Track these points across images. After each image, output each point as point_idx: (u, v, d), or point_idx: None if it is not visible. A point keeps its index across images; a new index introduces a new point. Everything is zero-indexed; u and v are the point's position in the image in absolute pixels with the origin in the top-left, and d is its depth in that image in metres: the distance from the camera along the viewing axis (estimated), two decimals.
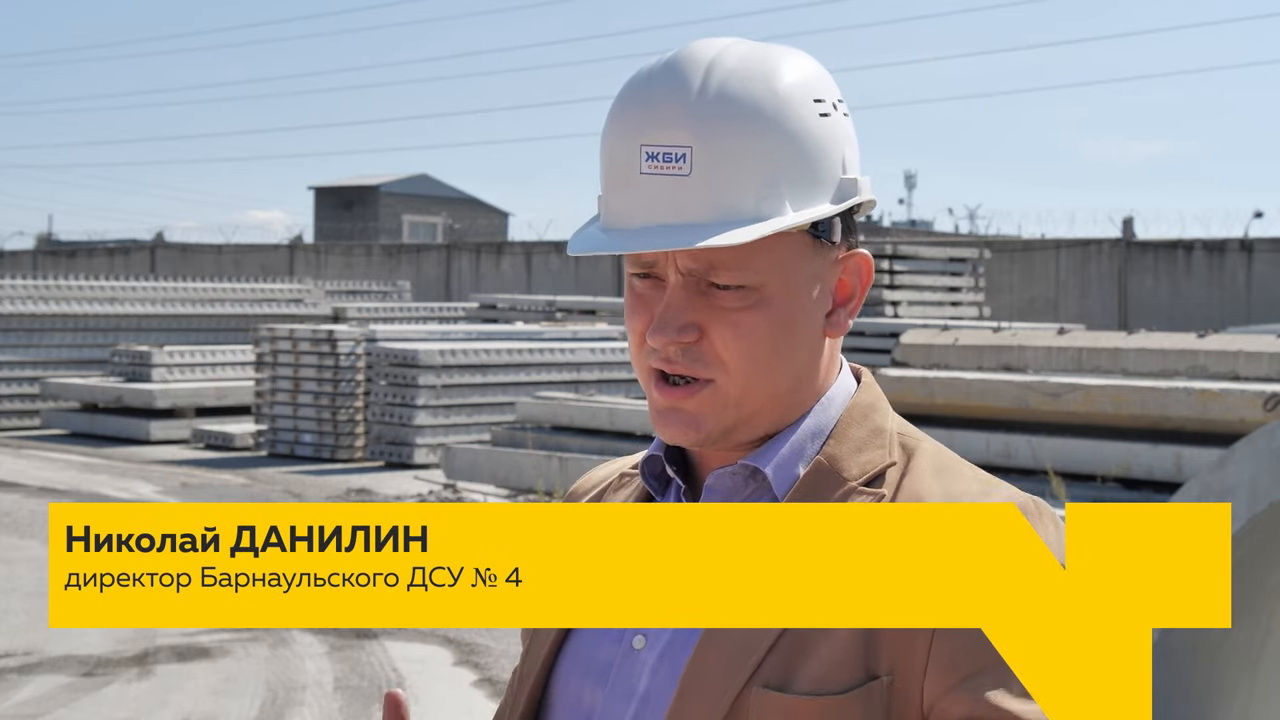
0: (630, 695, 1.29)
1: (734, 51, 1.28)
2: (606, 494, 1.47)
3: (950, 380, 9.14)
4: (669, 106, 1.26)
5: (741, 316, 1.27)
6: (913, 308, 18.59)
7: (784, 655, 1.22)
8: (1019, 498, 1.26)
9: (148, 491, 13.19)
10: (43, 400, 19.06)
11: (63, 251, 37.49)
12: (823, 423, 1.33)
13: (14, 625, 7.93)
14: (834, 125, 1.30)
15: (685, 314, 1.27)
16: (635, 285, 1.31)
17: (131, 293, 20.83)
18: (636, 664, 1.30)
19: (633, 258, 1.31)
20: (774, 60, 1.28)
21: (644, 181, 1.26)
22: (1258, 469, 3.70)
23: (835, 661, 1.21)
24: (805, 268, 1.30)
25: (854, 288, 1.35)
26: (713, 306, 1.27)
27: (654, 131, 1.26)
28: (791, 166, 1.26)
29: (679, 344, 1.27)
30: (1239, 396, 7.96)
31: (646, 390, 1.33)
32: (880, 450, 1.32)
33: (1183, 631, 3.85)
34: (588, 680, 1.33)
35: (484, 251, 30.01)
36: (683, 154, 1.24)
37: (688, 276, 1.27)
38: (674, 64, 1.28)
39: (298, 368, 16.16)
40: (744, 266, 1.26)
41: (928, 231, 37.93)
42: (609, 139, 1.30)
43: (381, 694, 7.41)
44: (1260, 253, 21.41)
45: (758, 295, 1.27)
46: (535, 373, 15.89)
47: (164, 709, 6.42)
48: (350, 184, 55.03)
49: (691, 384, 1.29)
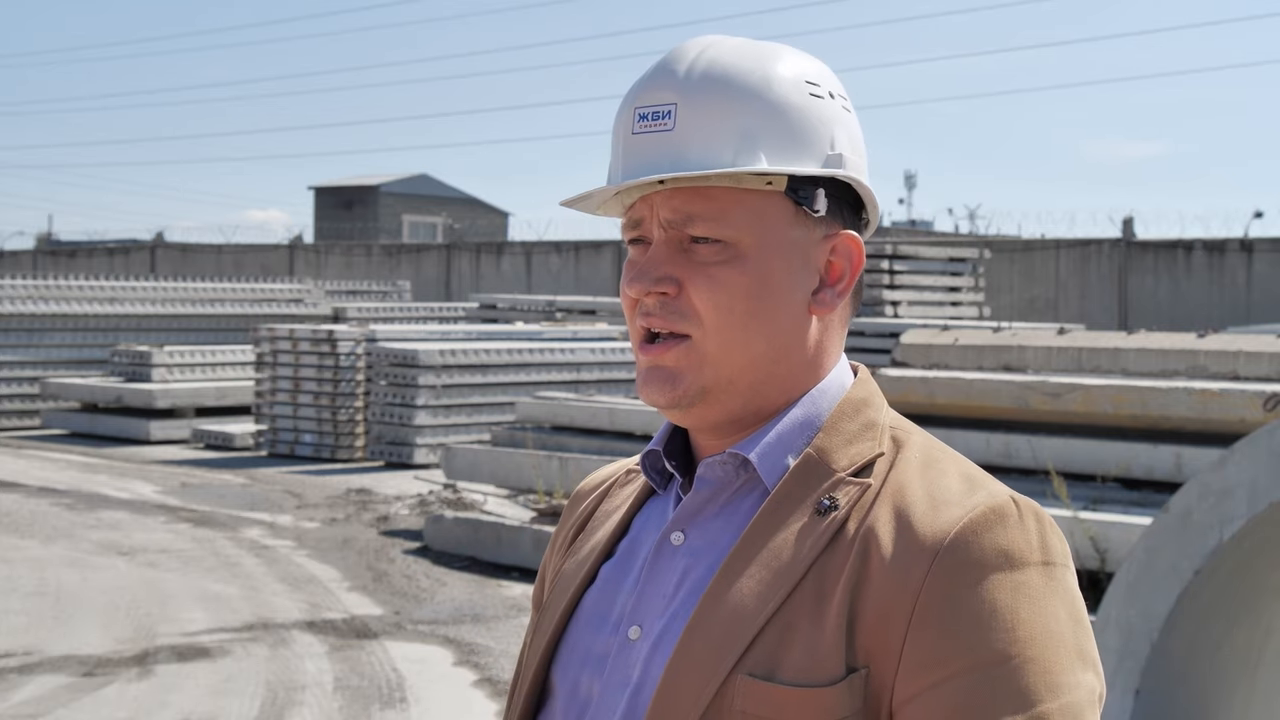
0: (625, 685, 1.30)
1: (731, 40, 1.34)
2: (612, 490, 1.49)
3: (950, 380, 9.13)
4: (662, 76, 1.32)
5: (717, 270, 1.30)
6: (913, 308, 18.59)
7: (769, 645, 1.23)
8: (1000, 496, 1.26)
9: (148, 491, 13.19)
10: (43, 400, 19.06)
11: (63, 251, 37.48)
12: (813, 414, 1.34)
13: (14, 625, 7.92)
14: (825, 107, 1.33)
15: (664, 266, 1.31)
16: (630, 252, 1.36)
17: (131, 293, 20.82)
18: (632, 654, 1.31)
19: (627, 224, 1.35)
20: (772, 48, 1.34)
21: (634, 141, 1.32)
22: (1258, 469, 3.70)
23: (820, 653, 1.22)
24: (785, 233, 1.32)
25: (844, 269, 1.36)
26: (691, 261, 1.31)
27: (646, 96, 1.32)
28: (772, 129, 1.30)
29: (656, 294, 1.31)
30: (1239, 396, 7.96)
31: (636, 356, 1.36)
32: (870, 442, 1.33)
33: (1183, 631, 3.85)
34: (585, 670, 1.34)
35: (484, 251, 30.00)
36: (668, 110, 1.30)
37: (669, 230, 1.31)
38: (674, 50, 1.35)
39: (298, 368, 16.15)
40: (720, 219, 1.30)
41: (928, 231, 37.92)
42: (616, 117, 1.36)
43: (381, 694, 7.42)
44: (1260, 253, 21.41)
45: (734, 251, 1.30)
46: (535, 373, 15.89)
47: (164, 709, 6.42)
48: (350, 184, 55.03)
49: (668, 339, 1.32)
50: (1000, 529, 1.23)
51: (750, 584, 1.25)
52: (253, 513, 12.00)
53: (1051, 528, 1.26)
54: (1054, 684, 1.18)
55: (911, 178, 61.75)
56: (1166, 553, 3.82)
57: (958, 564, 1.21)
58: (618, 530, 1.42)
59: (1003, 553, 1.21)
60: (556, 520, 9.38)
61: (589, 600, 1.38)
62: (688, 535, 1.33)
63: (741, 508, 1.33)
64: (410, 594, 8.90)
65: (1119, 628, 3.88)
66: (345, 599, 8.72)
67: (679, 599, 1.30)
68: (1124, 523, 7.43)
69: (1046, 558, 1.23)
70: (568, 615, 1.38)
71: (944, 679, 1.18)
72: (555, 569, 1.48)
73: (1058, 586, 1.23)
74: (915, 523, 1.24)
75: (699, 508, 1.34)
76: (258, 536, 10.86)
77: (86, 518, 11.60)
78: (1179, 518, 3.81)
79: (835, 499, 1.28)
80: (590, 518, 1.48)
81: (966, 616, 1.19)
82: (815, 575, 1.24)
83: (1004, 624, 1.19)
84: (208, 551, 10.19)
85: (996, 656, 1.18)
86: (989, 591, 1.20)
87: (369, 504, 12.44)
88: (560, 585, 1.42)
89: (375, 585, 9.14)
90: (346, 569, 9.64)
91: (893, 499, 1.27)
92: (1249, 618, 3.93)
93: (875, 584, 1.22)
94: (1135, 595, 3.87)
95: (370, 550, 10.29)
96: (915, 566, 1.21)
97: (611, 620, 1.34)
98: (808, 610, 1.23)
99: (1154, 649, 3.81)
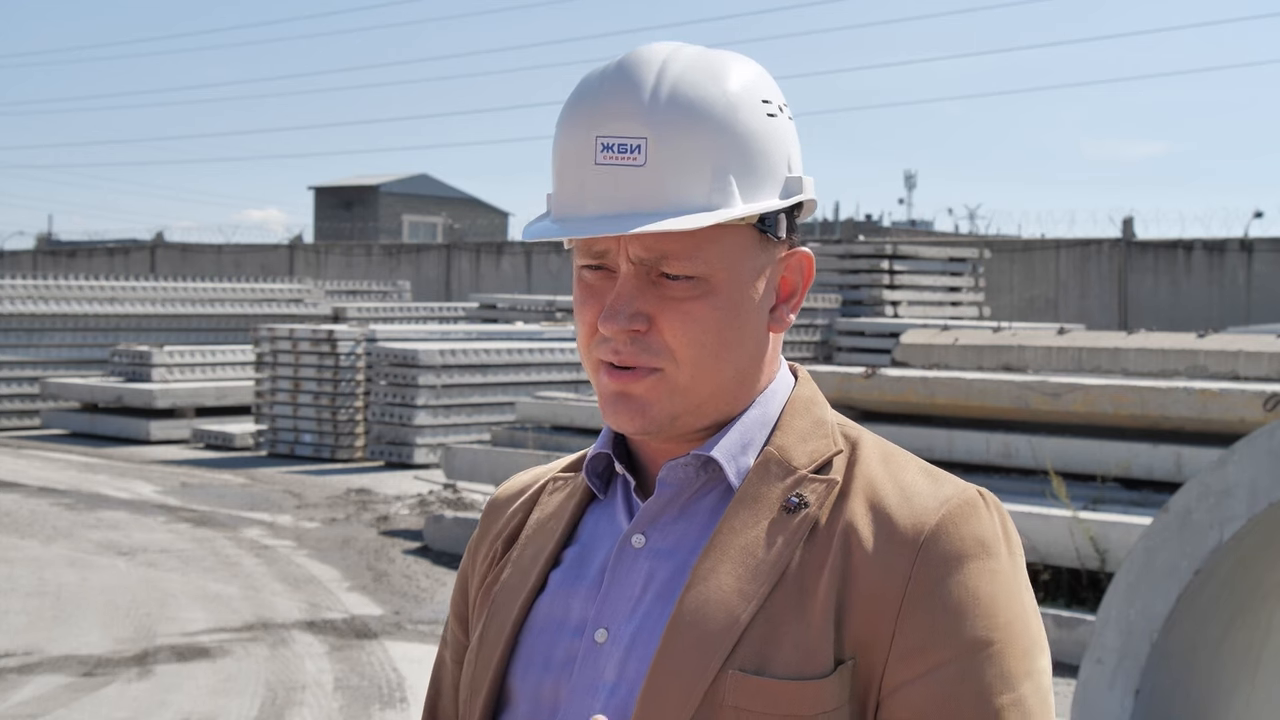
0: (596, 687, 1.31)
1: (683, 54, 1.32)
2: (541, 498, 1.48)
3: (950, 380, 9.13)
4: (624, 101, 1.29)
5: (691, 306, 1.30)
6: (913, 308, 18.59)
7: (756, 641, 1.26)
8: (968, 489, 1.32)
9: (148, 491, 13.19)
10: (43, 400, 19.06)
11: (63, 251, 37.47)
12: (767, 414, 1.37)
13: (14, 625, 7.92)
14: (780, 126, 1.34)
15: (636, 303, 1.30)
16: (585, 277, 1.34)
17: (131, 293, 20.82)
18: (601, 657, 1.32)
19: (584, 250, 1.33)
20: (721, 63, 1.33)
21: (598, 172, 1.29)
22: (1258, 469, 3.70)
23: (809, 646, 1.25)
24: (752, 261, 1.33)
25: (796, 284, 1.39)
26: (663, 297, 1.30)
27: (609, 124, 1.29)
28: (741, 162, 1.30)
29: (629, 332, 1.30)
30: (1239, 396, 7.96)
31: (594, 379, 1.35)
32: (825, 440, 1.36)
33: (1183, 631, 3.85)
34: (548, 675, 1.35)
35: (484, 251, 30.00)
36: (638, 144, 1.28)
37: (639, 265, 1.30)
38: (626, 65, 1.32)
39: (298, 368, 16.15)
40: (694, 256, 1.30)
41: (928, 231, 37.94)
42: (562, 134, 1.33)
43: (381, 694, 7.41)
44: (1260, 253, 21.40)
45: (706, 286, 1.30)
46: (535, 373, 15.89)
47: (164, 709, 6.42)
48: (350, 184, 55.03)
49: (639, 370, 1.31)
50: (975, 520, 1.29)
51: (729, 582, 1.28)
52: (253, 513, 12.00)
53: (1010, 519, 1.34)
54: (1029, 669, 1.27)
55: (911, 178, 61.82)
56: (1166, 553, 3.82)
57: (941, 553, 1.26)
58: (562, 538, 1.42)
59: (979, 542, 1.28)
60: None
61: (541, 607, 1.38)
62: (649, 538, 1.35)
63: (702, 508, 1.35)
64: (410, 594, 8.90)
65: (1119, 628, 3.88)
66: (345, 599, 8.72)
67: (647, 601, 1.32)
68: (1124, 523, 7.43)
69: (1011, 547, 1.31)
70: (519, 623, 1.39)
71: (935, 665, 1.24)
72: (481, 577, 1.47)
73: (1021, 574, 1.31)
74: (893, 516, 1.29)
75: (660, 510, 1.35)
76: (258, 536, 10.86)
77: (86, 518, 11.60)
78: (1179, 518, 3.81)
79: (804, 496, 1.31)
80: (521, 527, 1.47)
81: (952, 604, 1.25)
82: (796, 572, 1.28)
83: (985, 610, 1.26)
84: (208, 551, 10.19)
85: (981, 642, 1.25)
86: (970, 579, 1.26)
87: (369, 504, 12.44)
88: (505, 594, 1.42)
89: (375, 585, 9.14)
90: (346, 569, 9.64)
91: (865, 494, 1.31)
92: (1249, 618, 3.93)
93: (861, 577, 1.26)
94: (1135, 595, 3.87)
95: (370, 550, 10.30)
96: (900, 557, 1.26)
97: (570, 625, 1.35)
98: (791, 606, 1.26)
99: (1154, 649, 3.81)
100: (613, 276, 1.32)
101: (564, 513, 1.44)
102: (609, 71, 1.32)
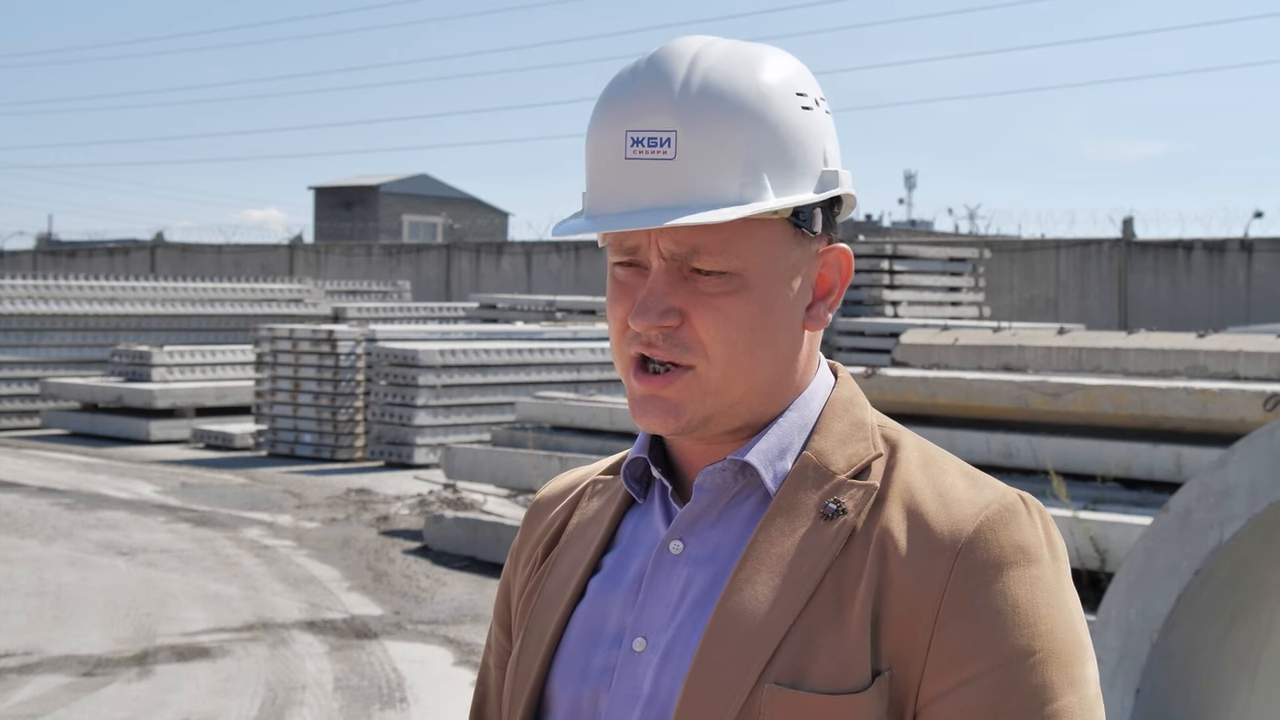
0: (635, 698, 1.29)
1: (716, 47, 1.30)
2: (581, 502, 1.46)
3: (950, 380, 9.12)
4: (654, 96, 1.27)
5: (723, 301, 1.27)
6: (913, 308, 18.58)
7: (792, 653, 1.23)
8: (1009, 493, 1.28)
9: (148, 491, 13.19)
10: (43, 400, 19.06)
11: (63, 251, 37.47)
12: (806, 417, 1.35)
13: (14, 625, 7.92)
14: (815, 119, 1.31)
15: (668, 298, 1.27)
16: (618, 274, 1.32)
17: (131, 293, 20.82)
18: (639, 666, 1.30)
19: (616, 245, 1.31)
20: (757, 55, 1.30)
21: (628, 166, 1.27)
22: (1258, 469, 3.70)
23: (846, 659, 1.22)
24: (786, 257, 1.31)
25: (834, 282, 1.36)
26: (695, 292, 1.28)
27: (639, 118, 1.26)
28: (774, 154, 1.27)
29: (661, 328, 1.28)
30: (1239, 396, 7.95)
31: (625, 380, 1.33)
32: (864, 443, 1.33)
33: (1183, 631, 3.85)
34: (586, 685, 1.33)
35: (484, 251, 29.99)
36: (668, 138, 1.25)
37: (670, 261, 1.28)
38: (657, 59, 1.29)
39: (298, 368, 16.15)
40: (726, 251, 1.27)
41: (928, 231, 37.93)
42: (594, 132, 1.31)
43: (381, 694, 7.40)
44: (1260, 253, 21.40)
45: (739, 281, 1.28)
46: (535, 373, 15.89)
47: (164, 709, 6.42)
48: (350, 184, 55.03)
49: (671, 371, 1.29)
50: (1015, 525, 1.25)
51: (765, 592, 1.25)
52: (253, 513, 12.00)
53: (1053, 523, 1.29)
54: (1073, 677, 1.22)
55: (911, 178, 61.82)
56: (1166, 553, 3.82)
57: (978, 561, 1.23)
58: (602, 543, 1.40)
59: (1019, 548, 1.24)
60: None
61: (580, 615, 1.37)
62: (686, 544, 1.32)
63: (740, 514, 1.33)
64: (410, 594, 8.90)
65: (1119, 628, 3.88)
66: (345, 599, 8.72)
67: (684, 609, 1.30)
68: (1124, 523, 7.42)
69: (1054, 552, 1.26)
70: (560, 630, 1.37)
71: (972, 676, 1.20)
72: (523, 584, 1.46)
73: (1065, 580, 1.26)
74: (930, 522, 1.25)
75: (697, 515, 1.33)
76: (258, 536, 10.85)
77: (86, 518, 11.60)
78: (1179, 518, 3.81)
79: (841, 503, 1.28)
80: (562, 531, 1.45)
81: (991, 613, 1.21)
82: (832, 581, 1.25)
83: (1025, 619, 1.22)
84: (208, 551, 10.19)
85: (1021, 651, 1.21)
86: (1010, 587, 1.22)
87: (369, 504, 12.43)
88: (544, 602, 1.40)
89: (375, 585, 9.14)
90: (346, 569, 9.64)
91: (902, 499, 1.28)
92: (1249, 618, 3.93)
93: (897, 585, 1.23)
94: (1135, 595, 3.87)
95: (370, 550, 10.29)
96: (936, 565, 1.23)
97: (609, 634, 1.33)
98: (828, 616, 1.23)
99: (1154, 649, 3.81)
100: (645, 273, 1.29)
101: (604, 517, 1.41)
102: (640, 66, 1.30)
